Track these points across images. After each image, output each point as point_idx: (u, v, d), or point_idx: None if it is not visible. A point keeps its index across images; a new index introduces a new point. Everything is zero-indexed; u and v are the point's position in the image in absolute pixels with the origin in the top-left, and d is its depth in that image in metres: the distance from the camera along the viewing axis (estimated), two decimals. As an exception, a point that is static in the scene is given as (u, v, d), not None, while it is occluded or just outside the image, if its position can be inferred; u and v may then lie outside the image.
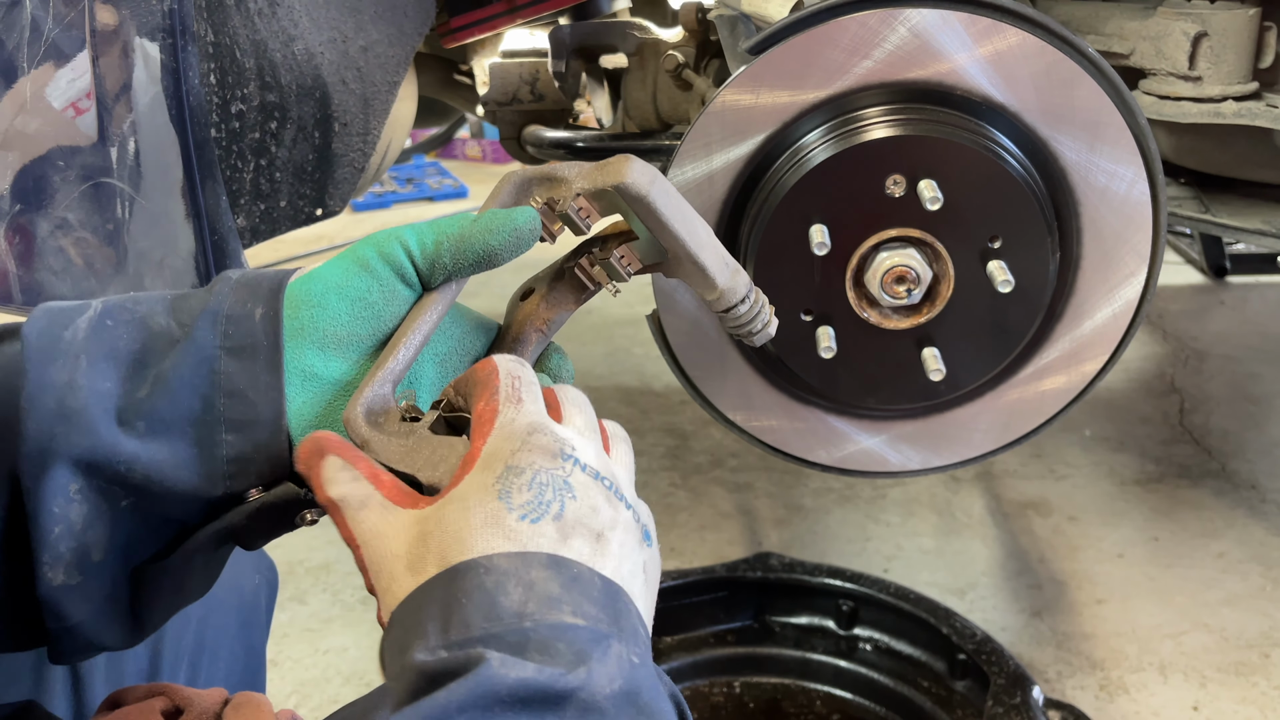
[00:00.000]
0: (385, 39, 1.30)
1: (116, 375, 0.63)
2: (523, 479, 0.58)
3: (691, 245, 0.73)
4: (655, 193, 0.71)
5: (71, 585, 0.63)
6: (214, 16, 1.10)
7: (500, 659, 0.51)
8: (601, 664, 0.53)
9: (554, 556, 0.56)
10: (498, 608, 0.54)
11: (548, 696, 0.51)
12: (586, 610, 0.55)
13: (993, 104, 0.97)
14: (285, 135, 1.19)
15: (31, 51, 1.08)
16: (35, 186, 1.10)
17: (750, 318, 0.77)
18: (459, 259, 0.67)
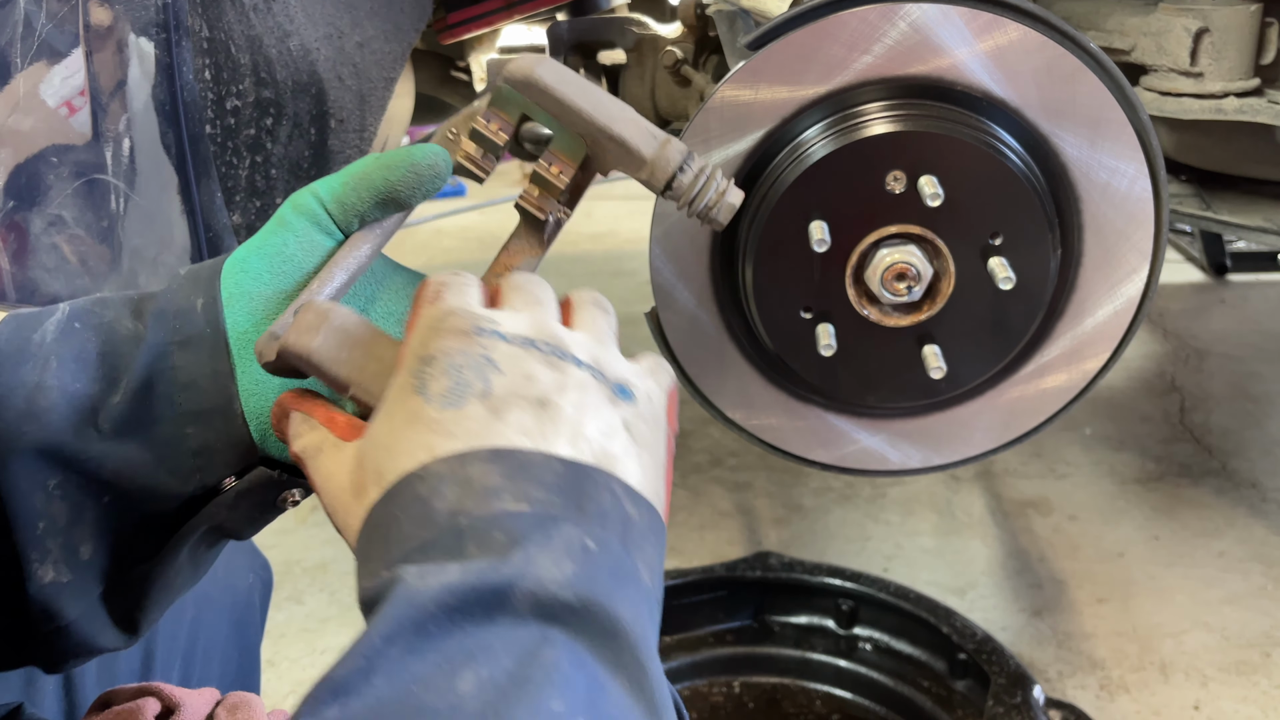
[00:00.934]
0: (382, 35, 1.29)
1: (85, 377, 0.63)
2: (436, 367, 0.54)
3: (600, 118, 0.66)
4: (542, 72, 0.66)
5: (62, 583, 0.63)
6: (209, 12, 1.09)
7: (417, 570, 0.46)
8: (544, 549, 0.47)
9: (496, 450, 0.51)
10: (431, 514, 0.49)
11: (481, 597, 0.46)
12: (532, 494, 0.50)
13: (994, 99, 0.96)
14: (281, 132, 1.19)
15: (25, 48, 1.07)
16: (29, 184, 1.10)
17: (697, 190, 0.68)
18: (362, 197, 0.65)
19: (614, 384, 0.57)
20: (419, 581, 0.46)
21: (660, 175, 0.68)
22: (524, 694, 0.43)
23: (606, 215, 4.33)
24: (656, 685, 0.48)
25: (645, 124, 0.68)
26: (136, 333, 0.65)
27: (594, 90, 0.68)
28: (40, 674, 0.82)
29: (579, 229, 4.16)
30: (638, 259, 1.06)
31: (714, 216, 0.70)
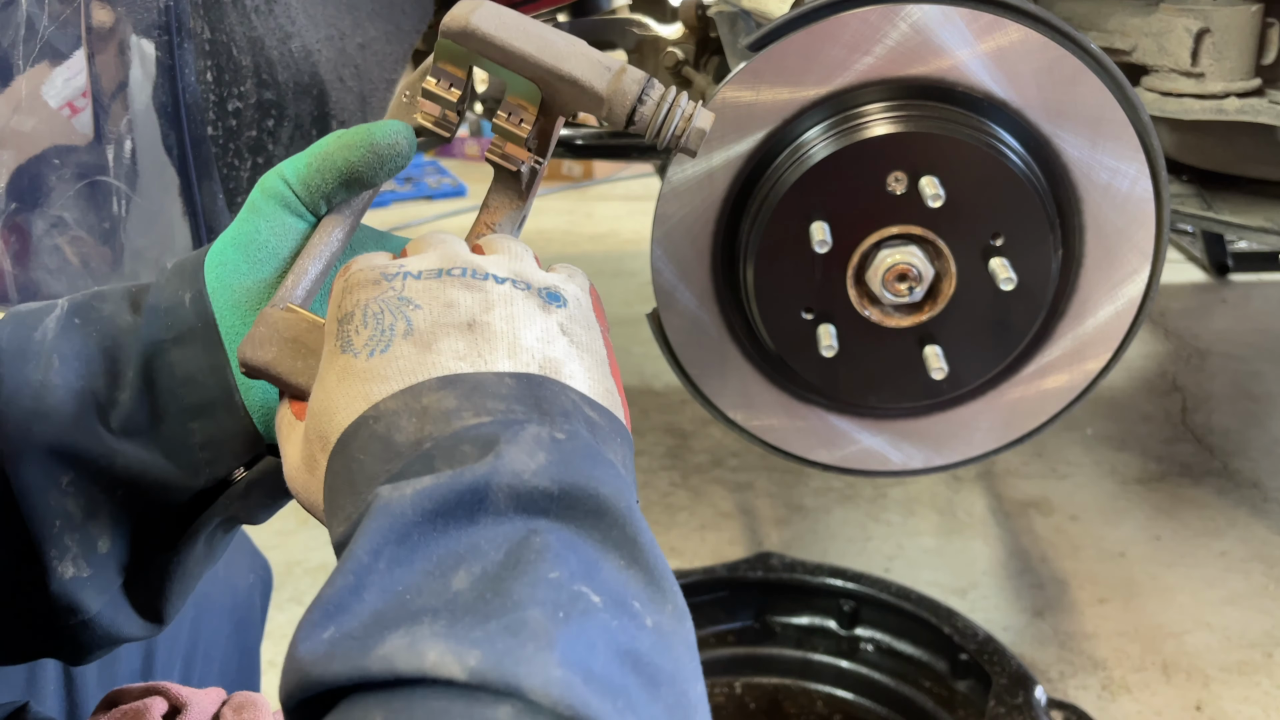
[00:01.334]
0: (383, 36, 1.30)
1: (89, 374, 0.63)
2: (354, 321, 0.54)
3: (546, 59, 0.63)
4: (478, 20, 0.63)
5: (83, 578, 0.63)
6: (211, 14, 1.10)
7: (390, 487, 0.46)
8: (514, 444, 0.48)
9: (444, 377, 0.51)
10: (394, 447, 0.49)
11: (460, 498, 0.46)
12: (490, 406, 0.50)
13: (995, 100, 0.96)
14: (282, 133, 1.19)
15: (27, 50, 1.07)
16: (31, 185, 1.10)
17: (661, 119, 0.65)
18: (327, 179, 0.64)
19: (542, 290, 0.56)
20: (394, 494, 0.46)
21: (619, 109, 0.64)
22: (518, 571, 0.44)
23: (607, 216, 4.32)
24: (651, 555, 0.48)
25: (597, 56, 0.65)
26: (135, 326, 0.65)
27: (538, 29, 0.64)
28: (42, 672, 0.83)
29: (580, 229, 4.15)
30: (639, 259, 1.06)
31: (685, 145, 0.66)
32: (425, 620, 0.42)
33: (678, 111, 0.65)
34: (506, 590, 0.43)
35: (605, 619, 0.44)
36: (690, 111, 0.65)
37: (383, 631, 0.42)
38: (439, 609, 0.43)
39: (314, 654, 0.43)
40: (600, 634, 0.43)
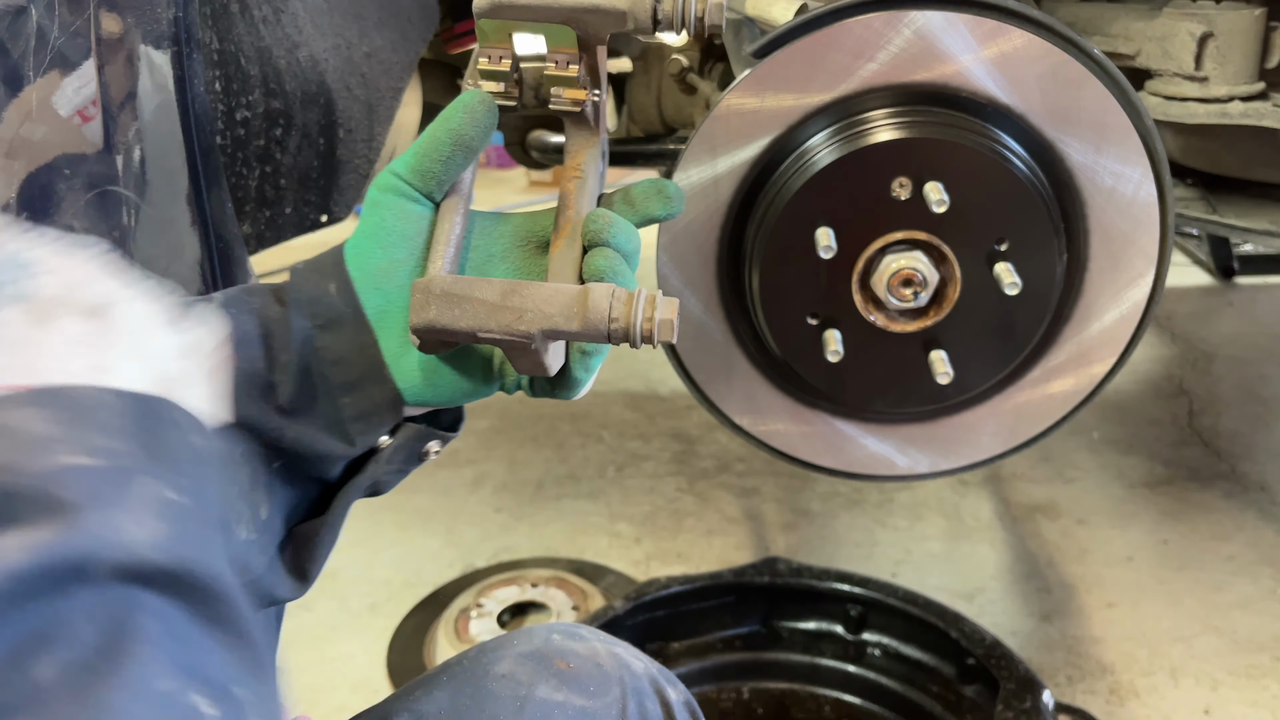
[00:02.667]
0: (389, 45, 1.30)
1: (253, 357, 0.67)
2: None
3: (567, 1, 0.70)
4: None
5: (251, 540, 0.67)
6: (219, 24, 1.10)
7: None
8: (123, 508, 0.40)
9: (37, 390, 0.43)
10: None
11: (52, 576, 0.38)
12: (98, 443, 0.42)
13: (998, 106, 0.97)
14: (290, 142, 1.19)
15: (38, 60, 1.08)
16: (42, 194, 1.11)
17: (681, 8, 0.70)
18: (433, 157, 0.70)
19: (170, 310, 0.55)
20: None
21: (643, 18, 0.70)
22: (120, 671, 0.37)
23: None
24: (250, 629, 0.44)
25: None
26: (284, 316, 0.69)
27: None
28: None
29: (585, 236, 4.15)
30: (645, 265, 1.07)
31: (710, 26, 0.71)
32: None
33: (690, 10, 0.70)
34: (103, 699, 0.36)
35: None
36: (702, 9, 0.70)
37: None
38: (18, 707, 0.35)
39: None
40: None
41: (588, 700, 0.80)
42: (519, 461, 2.59)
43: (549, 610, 2.01)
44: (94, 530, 0.39)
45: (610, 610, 1.71)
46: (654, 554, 2.22)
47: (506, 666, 0.81)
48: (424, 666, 1.90)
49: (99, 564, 0.39)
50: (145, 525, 0.41)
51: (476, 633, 1.95)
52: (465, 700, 0.78)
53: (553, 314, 0.66)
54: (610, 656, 0.85)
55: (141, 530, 0.41)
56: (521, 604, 2.03)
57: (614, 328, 0.66)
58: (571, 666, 0.82)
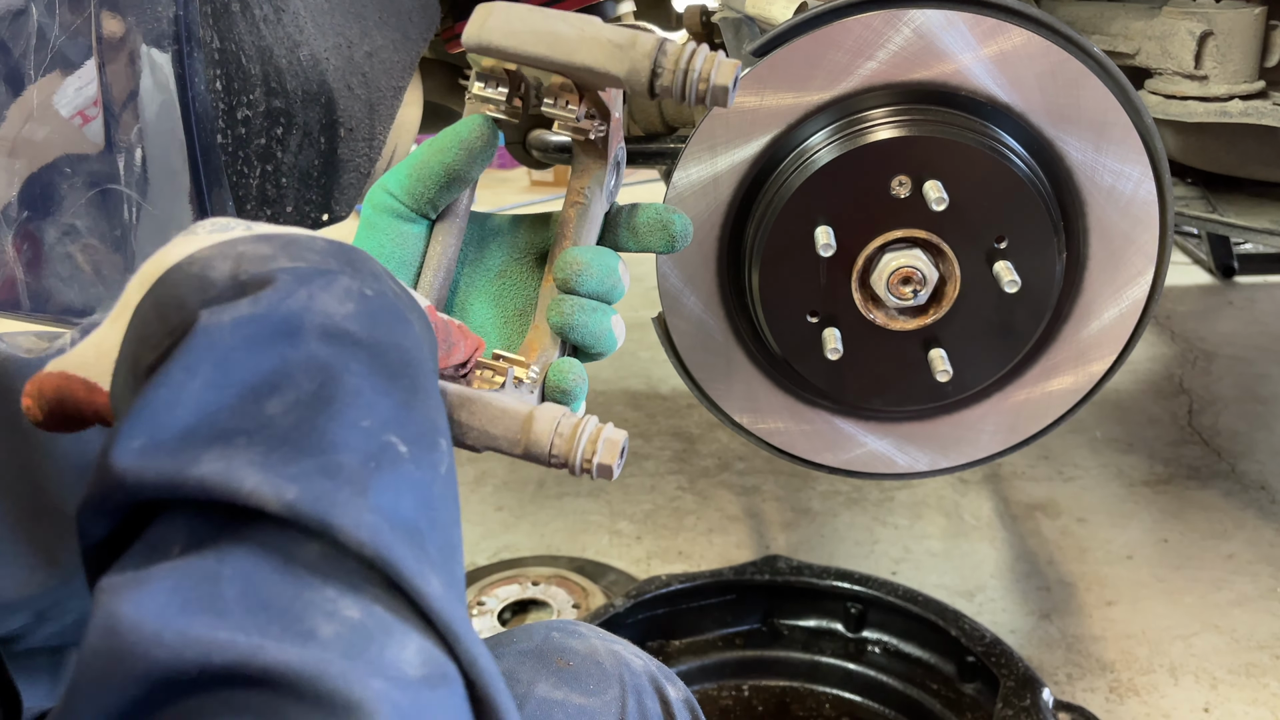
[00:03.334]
0: (390, 44, 1.30)
1: None
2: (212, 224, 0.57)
3: (559, 56, 0.66)
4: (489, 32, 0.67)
5: None
6: (220, 23, 1.10)
7: (208, 311, 0.47)
8: (326, 290, 0.49)
9: (260, 235, 0.53)
10: (207, 280, 0.50)
11: (276, 327, 0.47)
12: (306, 256, 0.52)
13: (998, 104, 0.97)
14: (291, 141, 1.20)
15: (38, 59, 1.08)
16: (43, 194, 1.11)
17: (683, 76, 0.66)
18: (428, 185, 0.69)
19: None
20: (212, 318, 0.47)
21: (638, 86, 0.66)
22: (330, 410, 0.46)
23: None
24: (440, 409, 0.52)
25: (608, 35, 0.67)
26: None
27: (548, 24, 0.66)
28: (68, 678, 0.83)
29: (586, 235, 4.15)
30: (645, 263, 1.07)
31: (713, 103, 0.67)
32: (240, 443, 0.44)
33: (694, 75, 0.66)
34: (320, 429, 0.45)
35: (410, 469, 0.47)
36: (708, 71, 0.66)
37: (197, 448, 0.44)
38: (253, 432, 0.44)
39: (124, 462, 0.44)
40: (406, 484, 0.46)
41: (587, 698, 0.80)
42: (520, 460, 2.59)
43: (550, 608, 2.02)
44: (303, 300, 0.48)
45: (611, 608, 1.71)
46: (655, 552, 2.22)
47: (506, 664, 0.82)
48: (425, 665, 1.90)
49: (310, 326, 0.48)
50: (345, 305, 0.50)
51: (477, 630, 1.95)
52: None
53: (496, 435, 0.65)
54: (610, 654, 0.85)
55: (342, 307, 0.49)
56: (522, 602, 2.04)
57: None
58: (571, 664, 0.83)
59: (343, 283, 0.51)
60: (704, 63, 0.66)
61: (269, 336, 0.47)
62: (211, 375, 0.46)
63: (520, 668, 0.81)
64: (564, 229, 0.73)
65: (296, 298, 0.48)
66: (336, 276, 0.51)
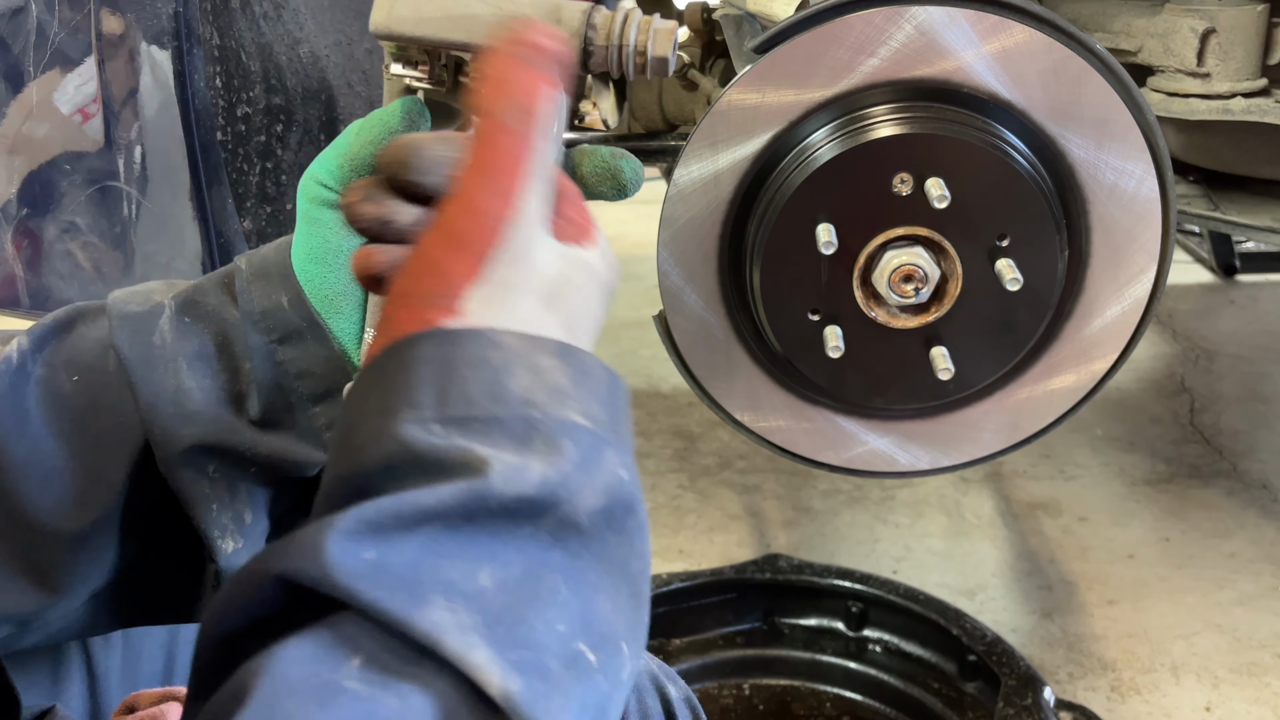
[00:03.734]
0: (390, 41, 1.30)
1: (213, 371, 0.68)
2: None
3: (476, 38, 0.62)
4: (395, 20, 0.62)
5: (240, 548, 0.69)
6: (220, 20, 1.10)
7: (504, 473, 0.47)
8: (592, 476, 0.50)
9: (563, 345, 0.53)
10: (504, 389, 0.49)
11: (530, 508, 0.48)
12: (593, 411, 0.52)
13: (1000, 101, 0.97)
14: (291, 138, 1.19)
15: (38, 57, 1.08)
16: (43, 191, 1.11)
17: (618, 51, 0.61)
18: (361, 171, 0.67)
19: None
20: (504, 486, 0.47)
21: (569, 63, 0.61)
22: (535, 605, 0.46)
23: (614, 219, 4.33)
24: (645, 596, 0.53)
25: (528, 9, 0.61)
26: (238, 321, 0.69)
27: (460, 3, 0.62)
28: (67, 676, 0.83)
29: (587, 233, 4.15)
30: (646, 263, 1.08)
31: (654, 71, 0.63)
32: (459, 603, 0.44)
33: (629, 48, 0.61)
34: (523, 618, 0.45)
35: (599, 681, 0.47)
36: (643, 43, 0.61)
37: (424, 590, 0.44)
38: (470, 596, 0.44)
39: (351, 568, 0.43)
40: (594, 696, 0.47)
41: None
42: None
43: (550, 607, 2.01)
44: (570, 488, 0.49)
45: (611, 607, 1.71)
46: (655, 550, 2.22)
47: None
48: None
49: (556, 516, 0.48)
50: (597, 495, 0.50)
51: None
52: None
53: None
54: (611, 653, 0.85)
55: (595, 499, 0.49)
56: (523, 601, 2.04)
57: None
58: (573, 662, 0.82)
59: (607, 464, 0.51)
60: (639, 33, 0.61)
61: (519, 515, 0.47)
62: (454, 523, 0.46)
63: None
64: None
65: (567, 486, 0.48)
66: (606, 453, 0.51)
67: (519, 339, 0.51)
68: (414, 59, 0.66)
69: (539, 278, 0.54)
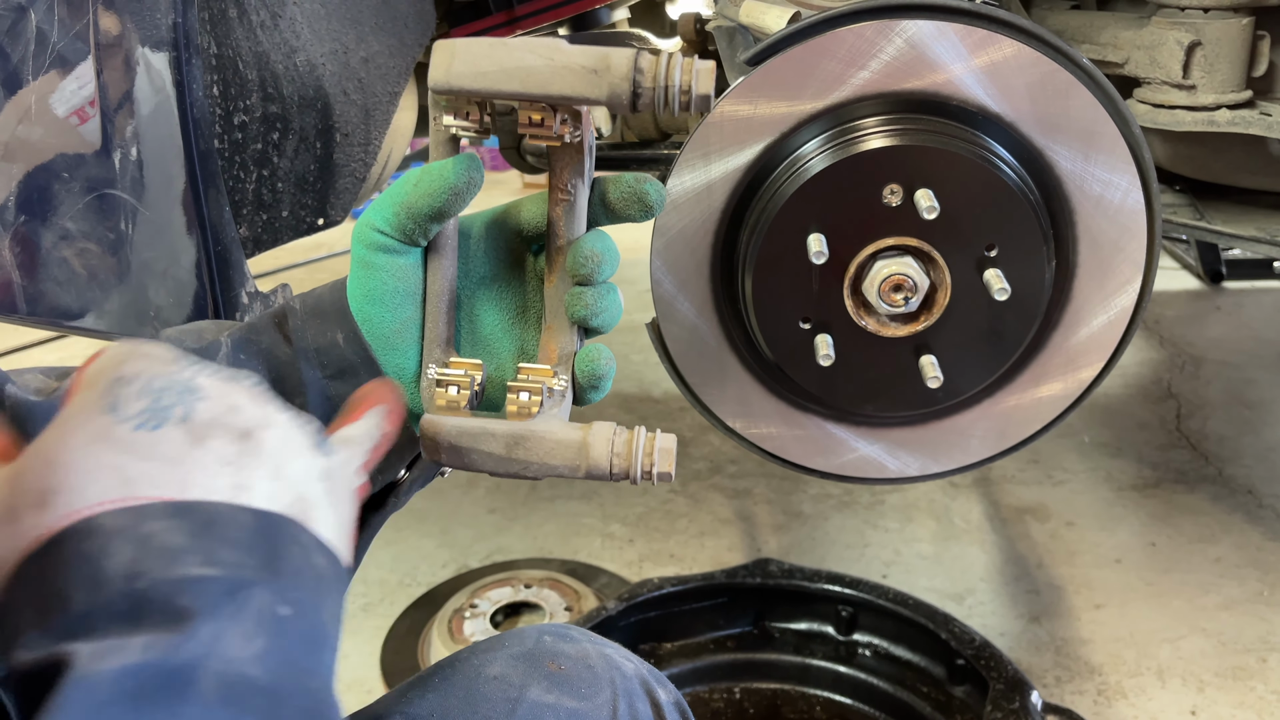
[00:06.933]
0: (386, 50, 1.31)
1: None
2: (132, 388, 0.51)
3: (533, 88, 0.65)
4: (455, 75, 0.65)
5: None
6: (217, 29, 1.11)
7: (90, 650, 0.42)
8: (235, 620, 0.45)
9: (178, 503, 0.47)
10: (101, 573, 0.45)
11: (165, 681, 0.42)
12: (223, 556, 0.46)
13: (988, 114, 0.98)
14: (287, 146, 1.20)
15: (37, 64, 1.09)
16: (39, 196, 1.11)
17: (664, 92, 0.65)
18: (417, 222, 0.69)
19: (317, 433, 0.56)
20: (93, 664, 0.42)
21: (619, 108, 0.65)
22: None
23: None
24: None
25: (579, 62, 0.65)
26: (292, 358, 0.71)
27: (514, 59, 0.65)
28: None
29: (578, 237, 4.16)
30: (638, 268, 1.08)
31: (697, 108, 0.66)
32: None
33: (674, 88, 0.65)
34: None
35: None
36: (688, 83, 0.65)
37: None
38: None
39: None
40: None
41: (579, 702, 0.81)
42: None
43: (542, 611, 2.02)
44: (205, 642, 0.44)
45: (603, 611, 1.72)
46: (647, 555, 2.23)
47: (498, 668, 0.82)
48: (418, 666, 1.91)
49: (207, 676, 0.43)
50: (253, 642, 0.45)
51: (470, 633, 1.95)
52: (457, 702, 0.79)
53: (556, 465, 0.67)
54: (601, 658, 0.86)
55: (249, 646, 0.45)
56: (515, 604, 2.04)
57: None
58: (563, 668, 0.83)
59: (257, 602, 0.46)
60: (682, 74, 0.65)
61: (158, 691, 0.42)
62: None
63: (512, 671, 0.82)
64: (555, 228, 0.74)
65: (197, 640, 0.43)
66: (251, 592, 0.46)
67: (118, 514, 0.47)
68: (464, 110, 0.69)
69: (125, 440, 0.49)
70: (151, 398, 0.50)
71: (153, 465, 0.48)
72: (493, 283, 0.77)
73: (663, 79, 0.65)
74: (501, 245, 0.77)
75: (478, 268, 0.77)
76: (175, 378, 0.52)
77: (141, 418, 0.50)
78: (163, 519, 0.47)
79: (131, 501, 0.47)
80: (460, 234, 0.76)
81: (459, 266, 0.76)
